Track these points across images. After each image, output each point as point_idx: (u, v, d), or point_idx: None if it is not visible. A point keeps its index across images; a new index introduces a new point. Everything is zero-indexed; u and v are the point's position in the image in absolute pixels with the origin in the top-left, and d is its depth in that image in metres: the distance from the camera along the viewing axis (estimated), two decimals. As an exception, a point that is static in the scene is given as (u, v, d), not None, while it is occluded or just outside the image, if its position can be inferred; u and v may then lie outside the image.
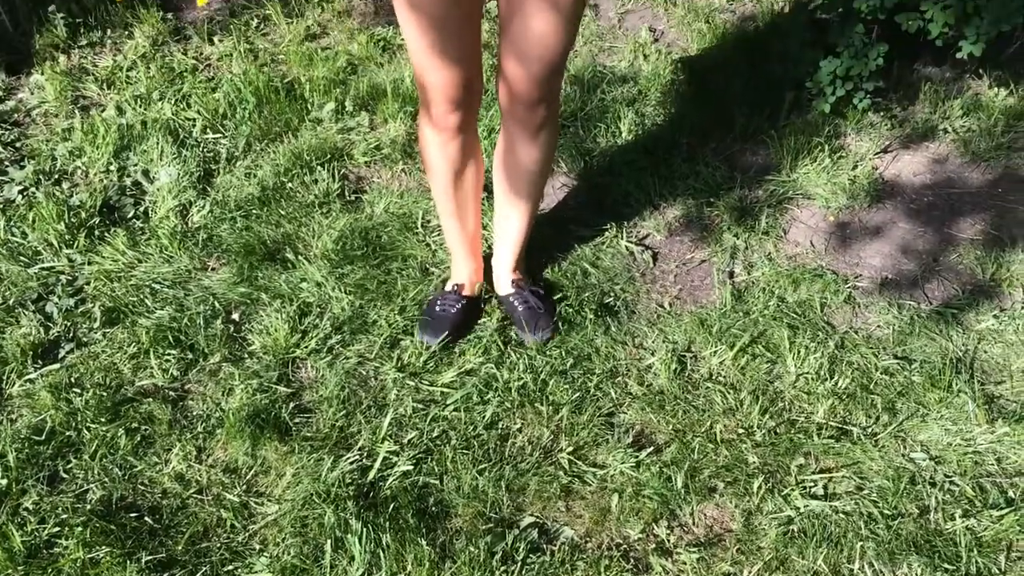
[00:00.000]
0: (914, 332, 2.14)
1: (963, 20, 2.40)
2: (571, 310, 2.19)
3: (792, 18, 3.02)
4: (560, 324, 2.15)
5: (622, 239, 2.38)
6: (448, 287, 2.19)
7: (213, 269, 2.33)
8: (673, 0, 3.27)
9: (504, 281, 2.19)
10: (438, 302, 2.16)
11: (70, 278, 2.28)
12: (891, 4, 2.40)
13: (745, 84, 2.80)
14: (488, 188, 2.28)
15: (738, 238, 2.39)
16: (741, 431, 1.94)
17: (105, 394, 2.01)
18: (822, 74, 2.60)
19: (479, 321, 2.18)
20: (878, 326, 2.17)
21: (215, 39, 3.12)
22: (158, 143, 2.64)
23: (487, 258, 2.27)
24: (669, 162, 2.59)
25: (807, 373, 2.05)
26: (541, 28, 1.66)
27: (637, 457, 1.88)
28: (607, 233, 2.40)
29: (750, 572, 1.71)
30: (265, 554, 1.74)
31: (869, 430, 1.94)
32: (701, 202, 2.48)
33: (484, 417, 1.96)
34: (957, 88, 2.77)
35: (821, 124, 2.66)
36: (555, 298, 2.21)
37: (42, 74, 2.95)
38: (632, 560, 1.74)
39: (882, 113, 2.70)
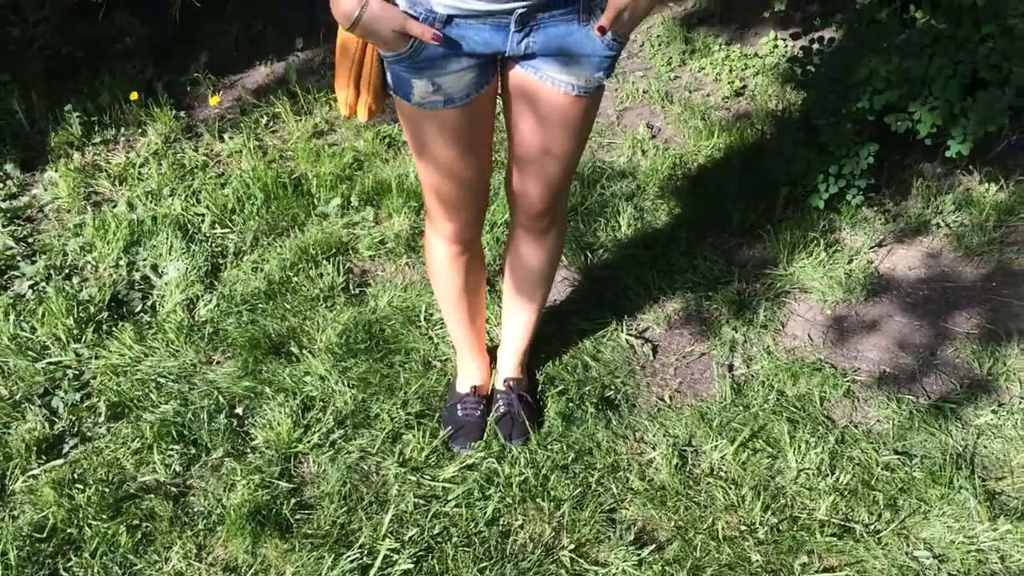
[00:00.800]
0: (913, 427, 2.15)
1: (950, 121, 2.47)
2: (572, 404, 2.20)
3: (785, 117, 3.11)
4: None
5: (622, 332, 2.41)
6: (463, 388, 2.19)
7: (218, 363, 2.36)
8: (670, 98, 3.37)
9: (500, 377, 2.20)
10: (459, 407, 2.16)
11: (77, 372, 2.31)
12: (880, 106, 2.48)
13: (740, 180, 2.87)
14: (490, 281, 2.32)
15: (737, 331, 2.42)
16: (743, 528, 1.94)
17: (107, 490, 2.01)
18: (815, 172, 2.67)
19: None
20: (878, 420, 2.18)
21: (225, 136, 3.22)
22: (167, 238, 2.70)
23: (491, 350, 2.29)
24: (668, 256, 2.64)
25: (808, 468, 2.05)
26: (548, 144, 1.68)
27: (639, 555, 1.87)
28: (607, 326, 2.43)
29: (755, 675, 1.69)
30: (263, 656, 1.72)
31: (872, 527, 1.94)
32: (700, 296, 2.52)
33: (486, 513, 1.96)
34: (948, 184, 2.84)
35: (816, 219, 2.72)
36: (557, 391, 2.22)
37: (56, 171, 3.03)
38: (635, 662, 1.71)
39: (875, 208, 2.77)
